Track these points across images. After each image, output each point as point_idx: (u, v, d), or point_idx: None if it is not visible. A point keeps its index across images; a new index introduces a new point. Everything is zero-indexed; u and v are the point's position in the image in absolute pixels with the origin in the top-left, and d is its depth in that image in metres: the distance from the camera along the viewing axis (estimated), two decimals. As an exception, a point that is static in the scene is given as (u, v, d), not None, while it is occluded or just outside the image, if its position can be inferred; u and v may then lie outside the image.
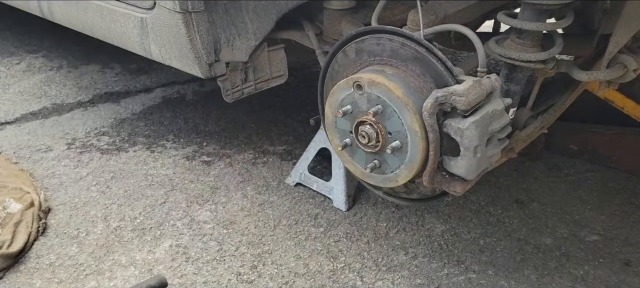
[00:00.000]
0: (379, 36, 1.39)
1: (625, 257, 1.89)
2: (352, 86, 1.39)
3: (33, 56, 3.80)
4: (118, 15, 2.02)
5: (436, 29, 1.43)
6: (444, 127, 1.27)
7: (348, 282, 1.76)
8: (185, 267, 1.82)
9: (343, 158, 1.55)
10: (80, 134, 2.72)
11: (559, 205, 2.19)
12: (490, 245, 1.95)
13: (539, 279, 1.78)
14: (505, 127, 1.34)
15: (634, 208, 2.16)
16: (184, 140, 2.69)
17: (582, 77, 1.46)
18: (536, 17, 1.33)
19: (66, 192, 2.23)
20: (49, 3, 2.40)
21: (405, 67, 1.36)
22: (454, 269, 1.83)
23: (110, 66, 3.65)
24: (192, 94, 3.26)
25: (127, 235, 1.97)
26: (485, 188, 2.29)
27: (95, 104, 3.08)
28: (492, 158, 1.36)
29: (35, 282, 1.75)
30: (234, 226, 2.03)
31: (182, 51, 1.82)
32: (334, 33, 1.93)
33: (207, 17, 1.76)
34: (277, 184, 2.31)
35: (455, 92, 1.21)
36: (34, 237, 1.92)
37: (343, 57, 1.50)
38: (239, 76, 2.03)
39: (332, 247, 1.93)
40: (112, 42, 2.17)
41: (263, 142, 2.68)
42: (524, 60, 1.37)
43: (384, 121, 1.36)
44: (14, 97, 3.14)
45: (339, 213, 2.12)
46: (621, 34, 1.35)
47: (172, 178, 2.35)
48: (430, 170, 1.33)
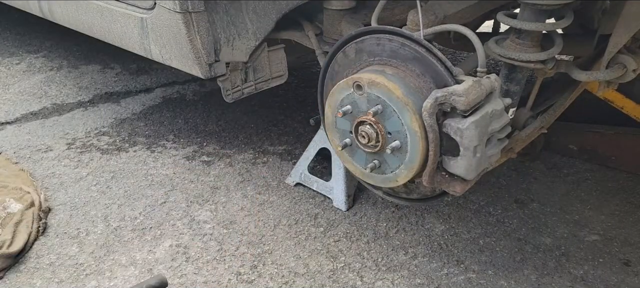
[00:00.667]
0: (379, 36, 1.39)
1: (625, 257, 1.89)
2: (352, 86, 1.39)
3: (33, 56, 3.80)
4: (118, 15, 2.02)
5: (436, 29, 1.44)
6: (443, 127, 1.27)
7: (348, 282, 1.76)
8: (185, 266, 1.82)
9: (343, 158, 1.55)
10: (80, 134, 2.72)
11: (558, 205, 2.19)
12: (490, 245, 1.95)
13: (538, 279, 1.78)
14: (504, 127, 1.35)
15: (634, 208, 2.16)
16: (184, 140, 2.69)
17: (582, 77, 1.46)
18: (536, 17, 1.33)
19: (66, 192, 2.23)
20: (49, 3, 2.41)
21: (405, 67, 1.36)
22: (453, 269, 1.83)
23: (110, 66, 3.65)
24: (192, 94, 3.27)
25: (127, 235, 1.98)
26: (485, 188, 2.30)
27: (96, 104, 3.08)
28: (492, 158, 1.36)
29: (36, 281, 1.75)
30: (234, 226, 2.03)
31: (182, 51, 1.82)
32: (334, 33, 1.93)
33: (207, 17, 1.76)
34: (277, 184, 2.32)
35: (455, 92, 1.21)
36: (34, 237, 1.92)
37: (343, 57, 1.50)
38: (239, 76, 2.03)
39: (332, 246, 1.93)
40: (113, 42, 2.17)
41: (263, 142, 2.69)
42: (523, 60, 1.37)
43: (383, 121, 1.36)
44: (15, 97, 3.14)
45: (338, 213, 2.12)
46: (621, 34, 1.35)
47: (172, 178, 2.35)
48: (430, 170, 1.33)
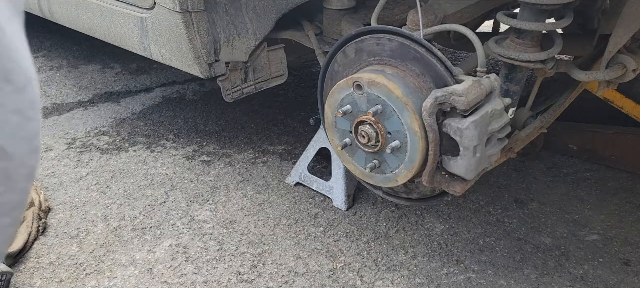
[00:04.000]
0: (379, 36, 1.39)
1: (625, 257, 1.89)
2: (352, 86, 1.39)
3: (33, 56, 3.80)
4: (118, 15, 2.02)
5: (436, 29, 1.44)
6: (443, 127, 1.27)
7: (348, 282, 1.77)
8: (185, 266, 1.82)
9: (343, 158, 1.56)
10: (80, 134, 2.72)
11: (558, 204, 2.19)
12: (490, 244, 1.95)
13: (538, 279, 1.78)
14: (504, 127, 1.35)
15: (634, 208, 2.16)
16: (184, 140, 2.69)
17: (582, 77, 1.46)
18: (536, 17, 1.33)
19: (66, 192, 2.23)
20: (49, 3, 2.41)
21: (405, 67, 1.36)
22: (453, 269, 1.83)
23: (110, 66, 3.65)
24: (192, 94, 3.27)
25: (127, 234, 1.98)
26: (485, 188, 2.30)
27: (96, 104, 3.08)
28: (492, 159, 1.36)
29: (36, 281, 1.75)
30: (234, 226, 2.03)
31: (182, 51, 1.82)
32: (334, 33, 1.93)
33: (207, 17, 1.77)
34: (277, 184, 2.32)
35: (455, 92, 1.21)
36: (34, 236, 1.92)
37: (343, 57, 1.50)
38: (239, 76, 2.03)
39: (332, 246, 1.93)
40: (113, 42, 2.17)
41: (263, 142, 2.69)
42: (523, 60, 1.37)
43: (383, 121, 1.36)
44: (14, 97, 3.14)
45: (338, 213, 2.12)
46: (621, 34, 1.35)
47: (172, 178, 2.35)
48: (429, 170, 1.33)
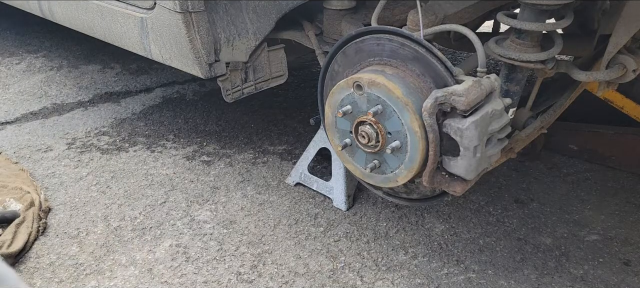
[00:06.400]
0: (379, 36, 1.39)
1: (625, 257, 1.89)
2: (352, 86, 1.39)
3: (33, 56, 3.81)
4: (118, 15, 2.02)
5: (436, 29, 1.44)
6: (443, 127, 1.27)
7: (348, 282, 1.76)
8: (185, 266, 1.82)
9: (343, 158, 1.55)
10: (80, 134, 2.72)
11: (558, 204, 2.19)
12: (490, 244, 1.95)
13: (538, 279, 1.78)
14: (504, 127, 1.35)
15: (634, 208, 2.16)
16: (184, 140, 2.69)
17: (582, 77, 1.46)
18: (536, 17, 1.33)
19: (66, 192, 2.23)
20: (49, 3, 2.41)
21: (405, 67, 1.36)
22: (453, 269, 1.83)
23: (110, 66, 3.65)
24: (192, 94, 3.27)
25: (127, 234, 1.98)
26: (485, 188, 2.30)
27: (96, 104, 3.08)
28: (492, 158, 1.36)
29: (36, 281, 1.75)
30: (234, 226, 2.03)
31: (182, 51, 1.82)
32: (334, 33, 1.93)
33: (207, 17, 1.76)
34: (277, 184, 2.32)
35: (454, 92, 1.21)
36: (34, 236, 1.92)
37: (343, 57, 1.50)
38: (239, 76, 2.03)
39: (332, 246, 1.93)
40: (113, 42, 2.17)
41: (263, 142, 2.69)
42: (523, 60, 1.37)
43: (383, 121, 1.36)
44: (14, 97, 3.14)
45: (339, 213, 2.12)
46: (620, 35, 1.35)
47: (172, 178, 2.35)
48: (429, 170, 1.33)
